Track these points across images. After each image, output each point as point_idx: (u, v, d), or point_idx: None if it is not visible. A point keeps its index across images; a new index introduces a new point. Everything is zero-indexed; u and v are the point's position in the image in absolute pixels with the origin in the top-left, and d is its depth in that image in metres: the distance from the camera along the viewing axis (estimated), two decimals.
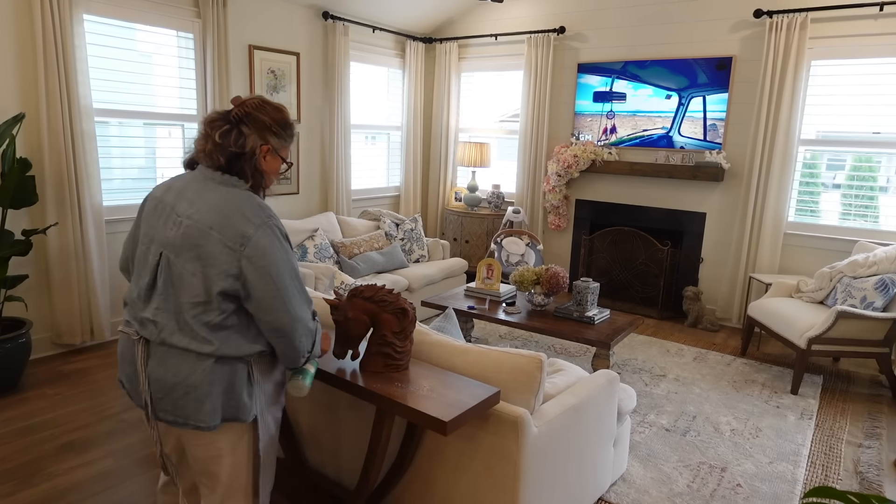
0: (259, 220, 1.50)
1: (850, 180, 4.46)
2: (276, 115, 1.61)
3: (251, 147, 1.56)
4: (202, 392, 1.49)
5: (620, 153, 5.34)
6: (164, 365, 1.50)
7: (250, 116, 1.57)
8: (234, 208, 1.50)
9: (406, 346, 1.92)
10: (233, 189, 1.55)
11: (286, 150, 1.67)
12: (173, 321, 1.50)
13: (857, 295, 3.69)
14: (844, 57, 4.34)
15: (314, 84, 5.36)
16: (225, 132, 1.55)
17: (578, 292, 3.65)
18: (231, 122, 1.56)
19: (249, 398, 1.56)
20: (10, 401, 3.20)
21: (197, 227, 1.49)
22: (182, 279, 1.49)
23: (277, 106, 1.63)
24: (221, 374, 1.51)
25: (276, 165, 1.65)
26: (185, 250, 1.49)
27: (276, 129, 1.60)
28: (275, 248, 1.50)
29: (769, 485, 2.65)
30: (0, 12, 3.40)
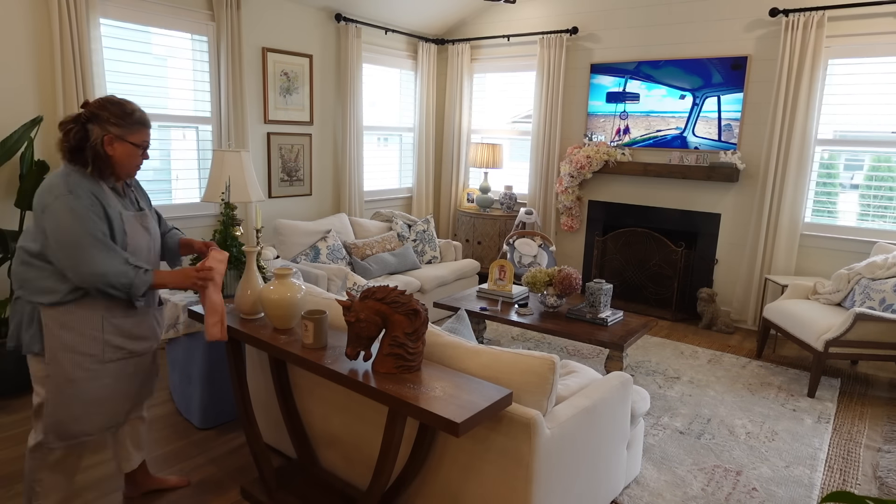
0: (59, 191, 1.85)
1: (868, 180, 4.40)
2: (113, 108, 1.94)
3: (93, 139, 1.91)
4: (10, 319, 1.97)
5: (634, 154, 5.31)
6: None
7: (94, 115, 1.92)
8: (45, 185, 1.89)
9: (418, 348, 1.92)
10: (57, 172, 1.92)
11: (134, 136, 1.97)
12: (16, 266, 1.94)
13: (876, 297, 3.64)
14: (862, 56, 4.28)
15: (327, 86, 5.38)
16: (68, 131, 1.90)
17: (591, 294, 3.62)
18: (79, 122, 1.91)
19: (28, 335, 1.93)
20: (27, 400, 3.24)
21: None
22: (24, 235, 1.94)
23: (117, 101, 1.96)
24: (16, 310, 1.95)
25: (126, 150, 1.96)
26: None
27: (116, 120, 1.93)
28: (64, 213, 1.84)
29: (785, 489, 2.62)
30: (18, 17, 3.45)
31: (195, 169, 4.50)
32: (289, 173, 5.15)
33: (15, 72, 3.47)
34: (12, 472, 2.57)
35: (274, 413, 2.71)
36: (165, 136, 4.31)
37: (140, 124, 1.98)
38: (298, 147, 5.19)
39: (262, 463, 2.40)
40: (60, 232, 1.84)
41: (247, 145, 4.60)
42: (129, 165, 1.99)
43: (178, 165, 4.40)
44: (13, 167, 3.51)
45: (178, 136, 4.38)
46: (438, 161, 6.61)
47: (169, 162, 4.36)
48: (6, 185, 3.51)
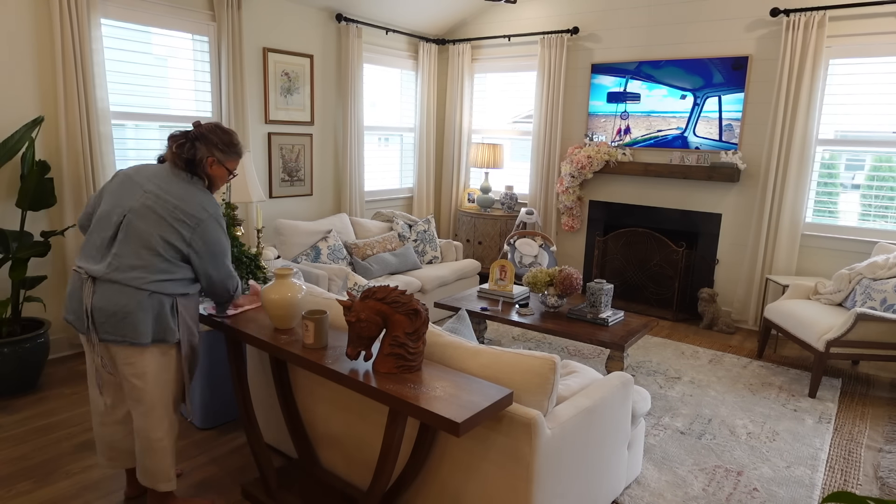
0: (212, 210, 2.13)
1: (869, 180, 4.40)
2: (223, 136, 2.21)
3: (199, 157, 2.16)
4: (136, 317, 2.02)
5: (634, 154, 5.30)
6: (107, 297, 2.02)
7: (203, 136, 2.17)
8: (195, 198, 2.11)
9: (419, 348, 1.92)
10: (195, 185, 2.15)
11: (231, 163, 2.26)
12: (125, 264, 2.03)
13: (877, 297, 3.64)
14: (863, 55, 4.28)
15: (328, 86, 5.38)
16: (181, 145, 2.14)
17: (592, 294, 3.62)
18: (189, 139, 2.15)
19: (175, 325, 2.10)
20: (29, 400, 3.24)
21: (162, 202, 2.06)
22: (139, 235, 2.04)
23: (226, 130, 2.23)
24: (152, 305, 2.05)
25: (222, 173, 2.24)
26: (149, 216, 2.05)
27: (222, 147, 2.20)
28: (218, 231, 2.14)
29: (786, 489, 2.62)
30: (19, 17, 3.46)
31: None
32: (289, 173, 5.15)
33: (16, 72, 3.48)
34: (12, 472, 2.57)
35: (275, 413, 2.71)
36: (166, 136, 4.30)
37: (238, 155, 2.28)
38: (299, 147, 5.19)
39: (263, 463, 2.40)
40: (213, 246, 2.12)
41: (248, 145, 4.60)
42: (218, 186, 2.28)
43: None
44: (14, 167, 3.51)
45: None
46: (439, 161, 6.61)
47: None
48: (7, 186, 3.51)
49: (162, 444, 2.18)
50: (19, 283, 3.33)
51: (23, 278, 3.31)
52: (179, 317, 2.12)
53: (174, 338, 2.11)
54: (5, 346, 3.16)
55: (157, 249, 2.04)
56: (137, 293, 2.02)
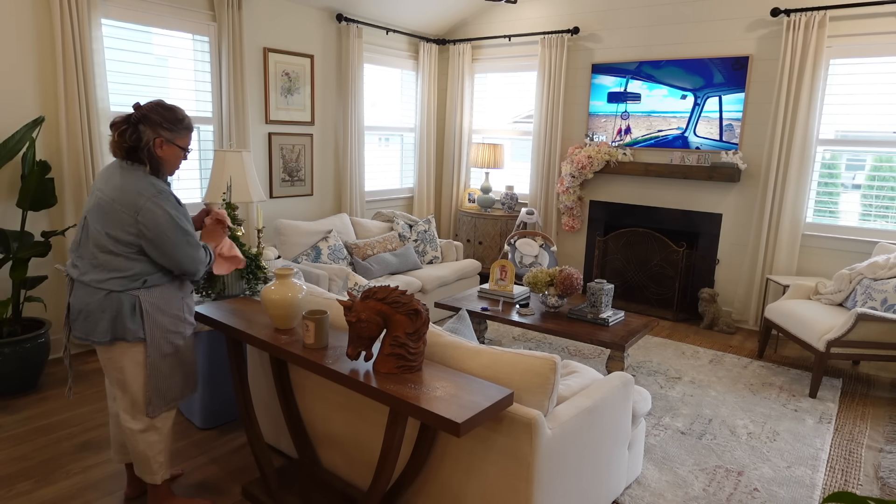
0: (149, 193, 2.04)
1: (870, 180, 4.39)
2: (166, 114, 2.11)
3: (146, 140, 2.07)
4: (96, 316, 2.06)
5: (635, 154, 5.30)
6: (77, 295, 2.10)
7: (145, 117, 2.07)
8: (131, 186, 2.04)
9: (419, 348, 1.92)
10: (133, 172, 2.07)
11: (182, 140, 2.17)
12: (87, 265, 2.08)
13: (878, 297, 3.63)
14: (864, 55, 4.27)
15: (328, 86, 5.38)
16: (122, 131, 2.06)
17: (592, 294, 3.62)
18: (130, 123, 2.07)
19: (133, 324, 2.07)
20: (30, 399, 3.25)
21: (105, 198, 2.04)
22: (93, 235, 2.06)
23: (169, 106, 2.13)
24: (109, 305, 2.05)
25: (173, 152, 2.16)
26: (98, 214, 2.05)
27: (167, 125, 2.10)
28: (160, 214, 2.04)
29: (787, 489, 2.62)
30: (20, 17, 3.46)
31: (196, 169, 4.51)
32: (290, 173, 5.15)
33: (17, 72, 3.48)
34: (13, 472, 2.57)
35: (275, 413, 2.71)
36: None
37: (187, 129, 2.19)
38: (300, 147, 5.19)
39: (264, 463, 2.40)
40: (161, 229, 2.04)
41: (248, 145, 4.61)
42: (174, 166, 2.21)
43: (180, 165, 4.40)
44: (15, 167, 3.51)
45: None
46: (439, 161, 6.61)
47: None
48: (8, 186, 3.51)
49: (143, 436, 2.20)
50: (20, 283, 3.33)
51: (23, 278, 3.31)
52: (145, 315, 2.09)
53: (133, 336, 2.08)
54: (6, 346, 3.16)
55: (108, 247, 2.04)
56: (96, 293, 2.05)
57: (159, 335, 2.14)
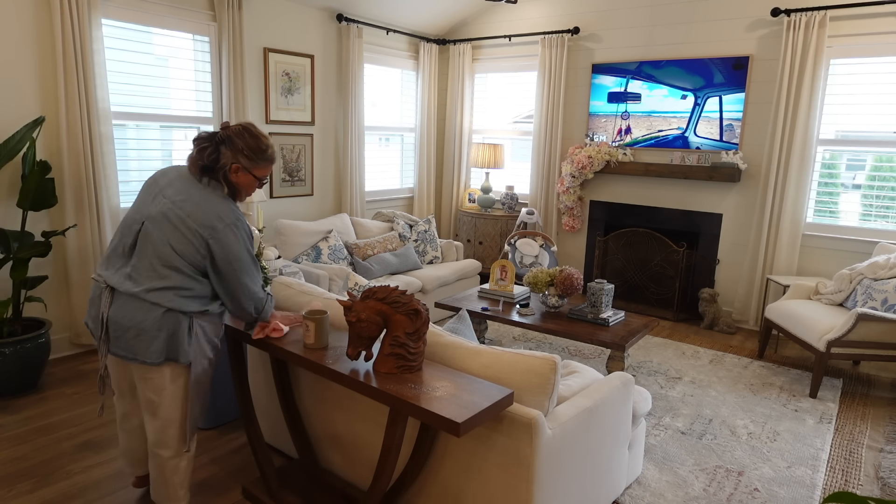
0: (229, 220, 1.95)
1: (870, 180, 4.39)
2: (250, 141, 2.00)
3: (223, 163, 1.98)
4: (150, 335, 1.92)
5: (635, 154, 5.30)
6: (123, 310, 1.93)
7: (229, 139, 1.98)
8: (211, 207, 1.94)
9: (419, 348, 1.92)
10: (213, 192, 1.98)
11: (260, 171, 2.06)
12: (144, 276, 1.92)
13: (878, 297, 3.63)
14: (864, 55, 4.27)
15: (328, 86, 5.38)
16: (202, 149, 1.98)
17: (593, 294, 3.62)
18: (213, 142, 1.98)
19: (188, 345, 1.97)
20: (30, 400, 3.25)
21: (177, 210, 1.92)
22: (155, 245, 1.92)
23: (255, 134, 2.02)
24: (167, 323, 1.92)
25: (248, 181, 2.05)
26: (163, 224, 1.93)
27: (248, 153, 2.00)
28: (234, 242, 1.95)
29: (787, 489, 2.62)
30: (20, 17, 3.46)
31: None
32: (290, 173, 5.16)
33: (17, 72, 3.48)
34: (13, 472, 2.57)
35: (275, 413, 2.71)
36: (167, 136, 4.31)
37: (268, 161, 2.07)
38: (300, 147, 5.20)
39: (264, 463, 2.40)
40: (231, 258, 1.95)
41: None
42: (248, 193, 2.09)
43: None
44: (15, 167, 3.51)
45: (180, 137, 4.39)
46: (440, 161, 6.61)
47: (171, 162, 4.36)
48: (8, 186, 3.51)
49: (172, 462, 2.10)
50: (20, 284, 3.33)
51: (24, 278, 3.31)
52: (194, 338, 1.99)
53: (185, 359, 1.98)
54: (6, 347, 3.16)
55: (172, 262, 1.91)
56: (153, 309, 1.91)
57: (199, 359, 2.04)
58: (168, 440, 2.07)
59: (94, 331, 2.02)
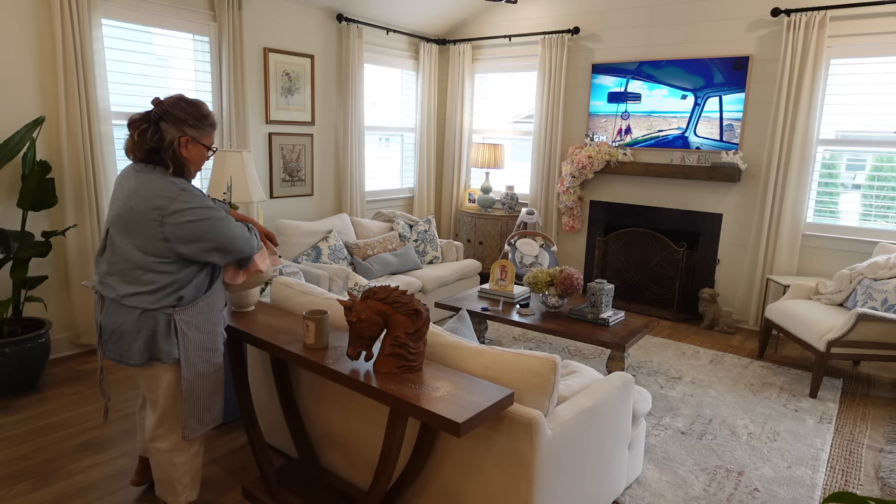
0: (172, 193, 1.84)
1: (870, 180, 4.39)
2: (190, 109, 1.92)
3: (169, 140, 1.88)
4: (130, 337, 1.91)
5: (635, 154, 5.30)
6: (109, 315, 1.94)
7: (168, 113, 1.88)
8: (148, 188, 1.85)
9: (419, 348, 1.92)
10: (149, 174, 1.88)
11: (207, 138, 1.98)
12: (117, 281, 1.91)
13: (878, 297, 3.63)
14: (864, 55, 4.27)
15: (328, 86, 5.38)
16: (143, 130, 1.88)
17: (593, 294, 3.62)
18: (150, 121, 1.88)
19: (168, 344, 1.93)
20: (30, 399, 3.25)
21: (125, 207, 1.87)
22: (118, 246, 1.90)
23: (192, 101, 1.95)
24: (144, 324, 1.90)
25: (199, 152, 1.96)
26: (119, 226, 1.89)
27: (192, 122, 1.92)
28: (190, 212, 1.85)
29: (787, 489, 2.62)
30: (20, 17, 3.46)
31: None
32: (290, 173, 5.16)
33: (17, 72, 3.48)
34: (13, 472, 2.57)
35: (275, 413, 2.71)
36: None
37: (212, 126, 1.99)
38: (300, 147, 5.19)
39: (264, 463, 2.40)
40: (194, 226, 1.85)
41: (248, 145, 4.61)
42: (199, 166, 2.01)
43: None
44: (15, 167, 3.51)
45: None
46: (440, 161, 6.61)
47: None
48: (8, 186, 3.51)
49: (167, 456, 2.08)
50: (20, 284, 3.33)
51: (24, 278, 3.31)
52: (180, 334, 1.94)
53: (168, 358, 1.94)
54: (6, 346, 3.16)
55: (137, 260, 1.87)
56: (129, 312, 1.90)
57: (195, 354, 2.00)
58: (163, 434, 2.07)
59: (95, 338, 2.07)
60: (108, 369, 3.68)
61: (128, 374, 3.61)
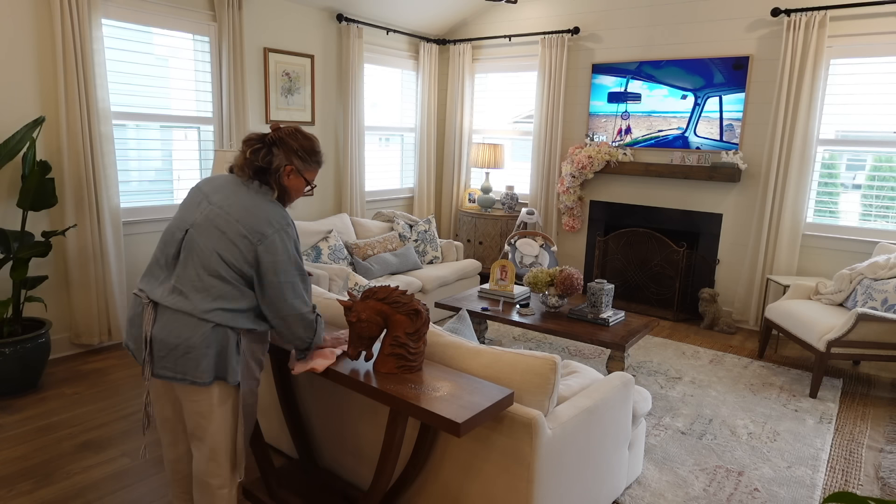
0: (278, 224, 1.81)
1: (870, 180, 4.39)
2: (304, 142, 1.93)
3: (276, 165, 1.87)
4: (199, 352, 1.76)
5: (635, 154, 5.30)
6: (170, 328, 1.77)
7: (282, 141, 1.89)
8: (261, 211, 1.81)
9: (419, 348, 1.92)
10: (263, 196, 1.86)
11: (310, 173, 1.97)
12: (190, 288, 1.78)
13: (878, 297, 3.63)
14: (864, 55, 4.27)
15: (328, 86, 5.38)
16: (256, 150, 1.87)
17: (593, 294, 3.62)
18: (265, 144, 1.88)
19: (236, 363, 1.82)
20: (30, 400, 3.25)
21: (224, 215, 1.80)
22: (200, 253, 1.78)
23: (307, 135, 1.95)
24: (216, 339, 1.77)
25: (299, 184, 1.95)
26: (210, 230, 1.79)
27: (302, 154, 1.92)
28: (282, 251, 1.80)
29: (787, 489, 2.62)
30: (20, 18, 3.46)
31: (197, 169, 4.51)
32: None
33: (17, 72, 3.48)
34: (13, 472, 2.57)
35: (275, 412, 2.71)
36: (167, 136, 4.31)
37: (318, 164, 1.99)
38: None
39: (264, 462, 2.40)
40: (276, 268, 1.79)
41: None
42: (295, 197, 1.98)
43: (180, 166, 4.41)
44: (15, 167, 3.51)
45: (180, 137, 4.39)
46: (440, 161, 6.61)
47: (171, 162, 4.36)
48: (8, 186, 3.51)
49: (222, 492, 1.93)
50: (20, 283, 3.33)
51: (24, 278, 3.31)
52: (242, 356, 1.83)
53: (234, 378, 1.82)
54: (6, 346, 3.16)
55: (219, 271, 1.77)
56: (201, 325, 1.75)
57: (246, 380, 1.87)
58: (217, 468, 1.90)
59: (136, 353, 1.85)
60: (108, 369, 3.68)
61: (128, 374, 3.61)
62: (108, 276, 3.89)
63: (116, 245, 3.94)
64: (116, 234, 3.93)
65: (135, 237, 4.14)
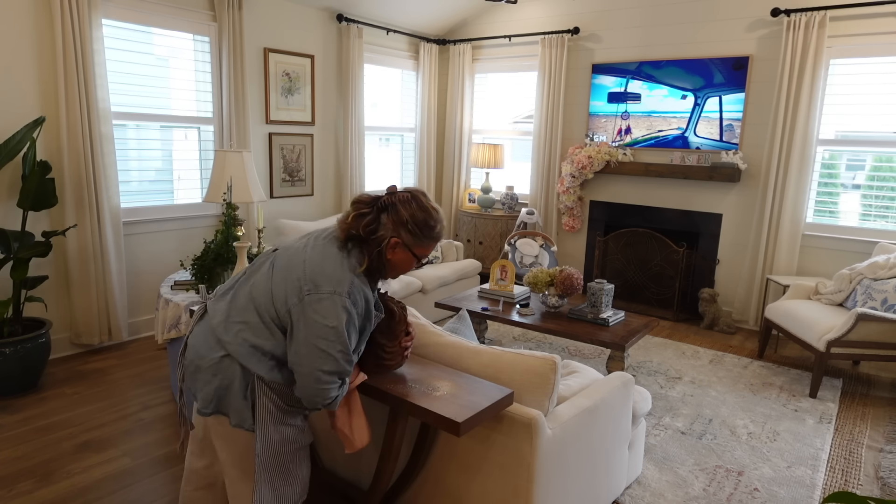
0: (339, 289, 1.60)
1: (870, 180, 4.39)
2: (419, 213, 1.69)
3: (380, 236, 1.68)
4: (203, 377, 1.65)
5: (635, 154, 5.30)
6: (196, 338, 1.71)
7: (394, 207, 1.69)
8: (330, 267, 1.63)
9: (395, 346, 1.93)
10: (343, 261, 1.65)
11: (421, 249, 1.73)
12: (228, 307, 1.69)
13: (878, 297, 3.63)
14: (864, 56, 4.27)
15: (328, 86, 5.38)
16: (361, 214, 1.68)
17: (593, 294, 3.62)
18: (374, 208, 1.69)
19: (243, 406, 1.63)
20: (30, 400, 3.25)
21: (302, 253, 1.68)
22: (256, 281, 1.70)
23: (424, 206, 1.70)
24: (222, 370, 1.63)
25: (407, 260, 1.73)
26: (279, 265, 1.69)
27: (413, 228, 1.68)
28: (330, 315, 1.58)
29: (787, 489, 2.62)
30: (20, 18, 3.46)
31: (197, 169, 4.51)
32: (290, 173, 5.16)
33: (17, 72, 3.48)
34: (13, 472, 2.57)
35: None
36: (167, 136, 4.31)
37: (433, 241, 1.75)
38: (300, 147, 5.20)
39: None
40: (314, 328, 1.58)
41: (248, 146, 4.61)
42: (398, 273, 1.78)
43: (180, 166, 4.41)
44: (15, 167, 3.52)
45: (180, 137, 4.39)
46: (440, 161, 6.61)
47: (171, 162, 4.36)
48: (8, 186, 3.51)
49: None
50: (20, 284, 3.34)
51: (24, 278, 3.32)
52: (259, 401, 1.63)
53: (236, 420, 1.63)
54: (6, 346, 3.16)
55: (259, 301, 1.64)
56: (214, 349, 1.64)
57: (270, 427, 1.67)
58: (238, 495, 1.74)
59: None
60: (108, 369, 3.68)
61: (129, 374, 3.61)
62: (109, 276, 3.89)
63: (116, 245, 3.94)
64: (117, 234, 3.93)
65: (135, 237, 4.14)
